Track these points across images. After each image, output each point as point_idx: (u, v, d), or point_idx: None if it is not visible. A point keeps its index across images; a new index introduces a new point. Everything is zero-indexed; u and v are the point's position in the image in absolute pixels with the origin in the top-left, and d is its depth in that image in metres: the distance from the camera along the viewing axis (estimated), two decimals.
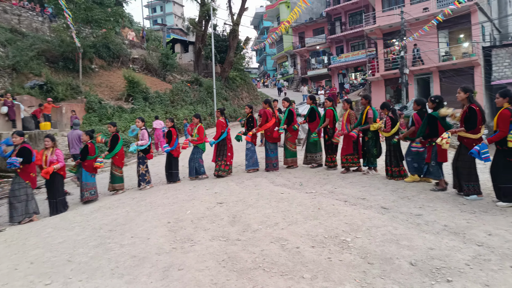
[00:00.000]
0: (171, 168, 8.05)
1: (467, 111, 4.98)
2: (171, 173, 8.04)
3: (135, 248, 4.04)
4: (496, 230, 3.72)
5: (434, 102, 5.65)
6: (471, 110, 4.94)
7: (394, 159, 6.49)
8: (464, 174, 5.04)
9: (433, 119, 5.52)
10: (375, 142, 6.96)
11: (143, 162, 7.73)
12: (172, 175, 8.02)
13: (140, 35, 28.26)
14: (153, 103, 17.70)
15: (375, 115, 6.93)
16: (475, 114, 4.89)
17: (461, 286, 2.71)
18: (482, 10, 21.33)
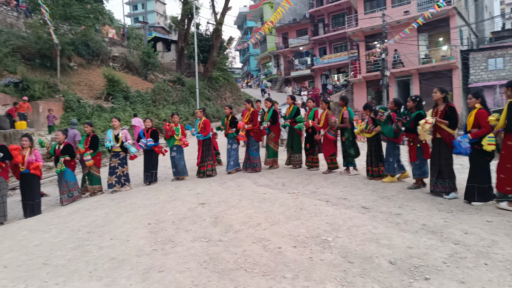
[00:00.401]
0: (155, 168, 7.94)
1: (447, 110, 5.13)
2: (152, 173, 7.91)
3: (115, 250, 3.96)
4: (472, 229, 3.83)
5: (414, 101, 5.80)
6: (451, 108, 5.11)
7: (375, 159, 6.60)
8: (446, 172, 5.18)
9: (420, 117, 5.55)
10: (352, 142, 7.09)
11: (126, 163, 7.58)
12: (152, 175, 7.89)
13: (120, 32, 27.72)
14: (134, 102, 17.41)
15: (351, 116, 7.09)
16: (455, 112, 5.08)
17: (438, 283, 2.78)
18: (460, 14, 22.00)
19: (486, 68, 22.18)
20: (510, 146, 4.38)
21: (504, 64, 21.76)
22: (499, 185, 4.52)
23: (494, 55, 22.08)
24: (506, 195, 4.47)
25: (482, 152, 4.67)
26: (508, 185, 4.42)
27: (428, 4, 21.41)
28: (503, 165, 4.46)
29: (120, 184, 7.49)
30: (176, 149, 7.95)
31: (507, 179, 4.42)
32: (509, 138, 4.39)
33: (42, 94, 14.83)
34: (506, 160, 4.43)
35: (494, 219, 4.09)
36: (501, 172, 4.48)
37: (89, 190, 7.38)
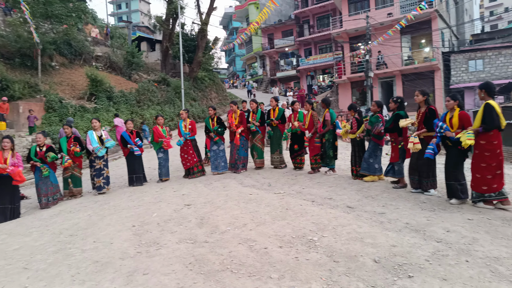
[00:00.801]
0: (142, 171, 7.85)
1: (427, 112, 5.27)
2: (140, 176, 7.80)
3: (98, 253, 3.88)
4: (453, 227, 3.91)
5: (396, 102, 5.95)
6: (431, 111, 5.24)
7: (359, 159, 6.69)
8: (424, 171, 5.31)
9: (400, 117, 5.73)
10: (332, 144, 7.17)
11: (107, 165, 7.46)
12: (140, 178, 7.79)
13: (104, 32, 27.26)
14: (117, 102, 17.13)
15: (333, 117, 7.18)
16: (434, 114, 5.21)
17: (421, 281, 2.82)
18: (442, 17, 22.52)
19: (466, 69, 22.77)
20: (483, 145, 4.50)
21: (483, 66, 22.38)
22: (475, 185, 4.62)
23: (474, 57, 22.68)
24: (482, 194, 4.57)
25: (461, 151, 4.78)
26: (483, 185, 4.53)
27: (410, 6, 21.83)
28: (478, 164, 4.58)
29: (109, 185, 7.42)
30: (163, 150, 7.90)
31: (483, 178, 4.53)
32: (482, 138, 4.51)
33: (23, 94, 14.44)
34: (481, 159, 4.55)
35: (475, 217, 4.19)
36: (476, 172, 4.60)
37: (74, 192, 7.18)
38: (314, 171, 7.47)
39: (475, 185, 4.64)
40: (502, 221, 4.05)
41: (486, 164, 4.50)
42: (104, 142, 7.29)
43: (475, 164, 4.63)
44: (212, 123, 8.01)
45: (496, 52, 22.08)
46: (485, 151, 4.49)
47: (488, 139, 4.47)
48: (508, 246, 3.35)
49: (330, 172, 7.30)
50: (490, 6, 53.61)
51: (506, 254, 3.18)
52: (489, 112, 4.43)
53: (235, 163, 8.02)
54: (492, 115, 4.40)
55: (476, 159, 4.61)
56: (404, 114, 5.80)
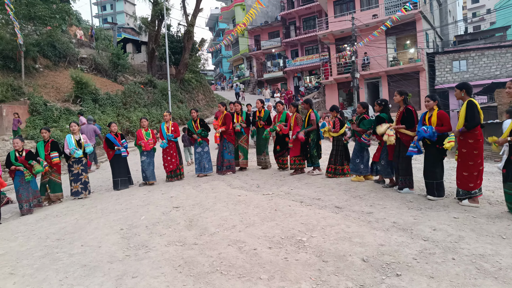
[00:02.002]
0: (127, 173, 7.75)
1: (404, 112, 5.45)
2: (125, 179, 7.68)
3: (86, 257, 3.83)
4: (440, 225, 3.98)
5: (380, 105, 6.10)
6: (408, 110, 5.41)
7: (340, 158, 6.83)
8: (401, 169, 5.49)
9: (381, 119, 5.92)
10: (316, 143, 7.26)
11: (86, 170, 7.26)
12: (125, 181, 7.69)
13: (88, 33, 26.88)
14: (103, 105, 16.89)
15: (317, 118, 7.29)
16: (411, 114, 5.39)
17: (409, 279, 2.87)
18: (426, 18, 22.95)
19: (450, 70, 23.25)
20: (471, 144, 4.58)
21: (467, 67, 22.89)
22: (462, 182, 4.72)
23: (458, 57, 23.17)
24: (469, 191, 4.68)
25: (440, 150, 4.95)
26: (470, 182, 4.63)
27: (395, 8, 22.19)
28: (466, 163, 4.66)
29: (87, 190, 7.21)
30: (146, 153, 7.75)
31: (470, 176, 4.63)
32: (470, 137, 4.59)
33: (6, 97, 14.12)
34: (469, 158, 4.63)
35: (461, 216, 4.28)
36: (463, 170, 4.68)
37: (52, 198, 6.96)
38: (296, 172, 7.53)
39: (461, 183, 4.73)
40: (487, 218, 4.15)
41: (473, 162, 4.60)
42: (82, 146, 7.12)
43: (462, 163, 4.71)
44: (195, 126, 7.98)
45: (479, 53, 22.61)
46: (473, 149, 4.59)
47: (475, 137, 4.57)
48: (492, 243, 3.43)
49: (316, 170, 7.39)
50: (473, 7, 54.90)
51: (490, 251, 3.25)
52: (472, 109, 4.53)
53: (222, 165, 8.02)
54: (474, 113, 4.51)
55: (463, 157, 4.69)
56: (386, 116, 5.96)
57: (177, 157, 7.90)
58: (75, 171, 7.11)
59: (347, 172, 6.81)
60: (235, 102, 8.53)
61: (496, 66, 22.14)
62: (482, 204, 4.74)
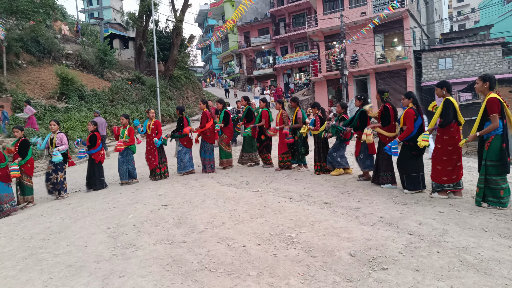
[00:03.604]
0: (94, 175, 7.39)
1: (382, 110, 5.65)
2: (94, 181, 7.38)
3: (71, 257, 3.77)
4: (425, 220, 4.05)
5: (360, 100, 6.27)
6: (386, 108, 5.60)
7: (323, 155, 6.92)
8: (382, 165, 5.65)
9: (364, 114, 6.11)
10: (303, 141, 7.33)
11: (61, 169, 6.97)
12: (95, 183, 7.38)
13: (74, 29, 26.38)
14: (89, 102, 16.61)
15: (304, 116, 7.37)
16: (389, 111, 5.57)
17: (395, 273, 2.91)
18: (413, 16, 23.21)
19: (437, 67, 23.61)
20: (445, 140, 4.79)
21: (453, 64, 23.28)
22: (436, 176, 4.92)
23: (444, 55, 23.54)
24: (442, 185, 4.89)
25: (411, 147, 5.14)
26: (444, 176, 4.84)
27: (383, 6, 22.38)
28: (440, 157, 4.87)
29: (57, 191, 6.92)
30: (121, 152, 7.57)
31: (443, 170, 4.84)
32: (446, 133, 4.78)
33: None
34: (442, 153, 4.84)
35: (445, 210, 4.36)
36: (438, 164, 4.89)
37: (21, 201, 6.58)
38: (282, 169, 7.58)
39: (435, 176, 4.93)
40: (470, 212, 4.24)
41: (447, 157, 4.81)
42: (53, 144, 6.86)
43: (436, 157, 4.92)
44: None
45: (464, 51, 23.00)
46: (448, 145, 4.79)
47: (451, 134, 4.76)
48: (475, 236, 3.51)
49: (303, 167, 7.49)
50: (458, 6, 55.72)
51: (473, 244, 3.33)
52: (447, 108, 4.71)
53: (203, 164, 7.98)
54: (448, 111, 4.69)
55: (438, 152, 4.90)
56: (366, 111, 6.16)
57: (157, 156, 7.70)
58: (47, 170, 6.94)
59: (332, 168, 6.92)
60: (217, 100, 8.48)
61: (480, 63, 22.57)
62: (466, 198, 4.86)
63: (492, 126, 4.20)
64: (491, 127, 4.21)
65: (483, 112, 4.31)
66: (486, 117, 4.30)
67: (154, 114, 7.94)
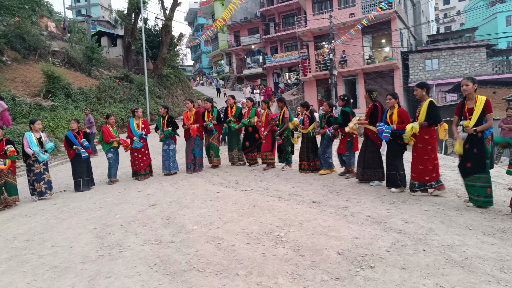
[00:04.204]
0: (89, 174, 7.31)
1: (372, 108, 5.74)
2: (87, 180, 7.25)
3: (57, 258, 3.70)
4: (411, 218, 4.11)
5: (343, 100, 6.46)
6: (375, 107, 5.71)
7: (311, 154, 6.98)
8: (371, 162, 5.74)
9: (346, 113, 6.29)
10: (290, 140, 7.39)
11: (48, 169, 6.88)
12: (87, 182, 7.25)
13: (61, 26, 25.90)
14: (76, 100, 16.34)
15: (291, 115, 7.41)
16: (377, 110, 5.68)
17: (382, 271, 2.94)
18: (400, 18, 23.50)
19: (423, 68, 23.97)
20: (427, 140, 4.93)
21: (439, 65, 23.67)
22: (418, 175, 5.03)
23: (431, 56, 23.91)
24: (425, 184, 5.01)
25: (401, 145, 5.26)
26: (426, 175, 4.96)
27: (371, 7, 22.59)
28: (421, 157, 4.99)
29: (51, 190, 6.83)
30: (113, 151, 7.52)
31: (425, 169, 4.95)
32: (426, 133, 4.92)
33: None
34: (424, 152, 4.96)
35: (431, 208, 4.43)
36: (419, 164, 5.01)
37: (9, 202, 6.37)
38: (269, 166, 7.63)
39: (417, 176, 5.04)
40: (455, 211, 4.31)
41: (428, 156, 4.93)
42: (43, 144, 6.72)
43: (418, 157, 5.03)
44: (162, 122, 7.82)
45: (450, 52, 23.41)
46: (428, 144, 4.93)
47: (430, 133, 4.93)
48: (460, 234, 3.57)
49: (287, 166, 7.56)
50: (444, 8, 56.63)
51: (458, 242, 3.38)
52: (435, 109, 4.87)
53: (192, 163, 7.91)
54: (437, 112, 4.89)
55: (418, 152, 5.01)
56: (350, 110, 6.33)
57: (149, 155, 7.75)
58: (37, 170, 6.69)
59: (320, 167, 6.99)
60: (205, 99, 8.47)
61: (465, 65, 22.99)
62: (451, 197, 4.94)
63: (488, 124, 4.33)
64: (488, 125, 4.34)
65: (481, 111, 4.36)
66: (482, 116, 4.37)
67: (141, 112, 7.85)
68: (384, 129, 5.28)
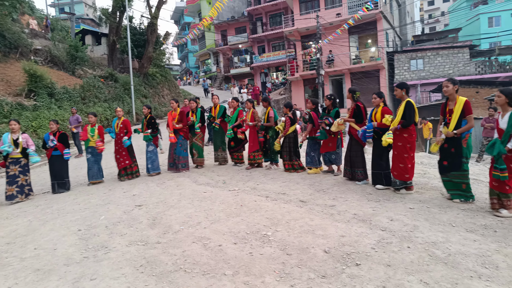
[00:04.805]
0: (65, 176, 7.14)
1: (355, 108, 5.86)
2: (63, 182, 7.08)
3: (39, 260, 3.63)
4: (396, 216, 4.17)
5: (330, 99, 6.52)
6: (358, 107, 5.83)
7: (294, 154, 7.04)
8: (356, 162, 5.85)
9: (338, 113, 6.40)
10: (275, 139, 7.35)
11: (28, 170, 6.74)
12: (63, 184, 7.09)
13: (43, 24, 25.34)
14: (60, 99, 16.01)
15: (275, 115, 7.46)
16: (360, 110, 5.79)
17: (368, 268, 2.98)
18: (386, 18, 23.81)
19: (408, 68, 24.36)
20: (406, 138, 5.05)
21: (424, 65, 24.09)
22: (399, 174, 5.13)
23: (416, 56, 24.31)
24: (405, 182, 5.11)
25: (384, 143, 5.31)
26: (406, 173, 5.07)
27: (358, 7, 22.83)
28: (401, 155, 5.10)
29: (24, 194, 6.61)
30: (91, 151, 7.36)
31: (405, 168, 5.06)
32: (405, 132, 5.04)
33: None
34: (403, 151, 5.07)
35: (416, 206, 4.50)
36: (400, 162, 5.11)
37: None
38: (252, 167, 7.66)
39: (398, 174, 5.14)
40: (439, 208, 4.39)
41: (408, 155, 5.06)
42: (19, 145, 6.54)
43: (398, 156, 5.13)
44: (145, 122, 7.74)
45: (435, 53, 23.85)
46: (407, 143, 5.05)
47: (410, 132, 5.05)
48: (443, 231, 3.64)
49: (274, 166, 7.60)
50: (429, 9, 57.68)
51: (442, 239, 3.45)
52: (409, 110, 4.99)
53: (174, 162, 7.85)
54: (411, 113, 4.99)
55: (399, 150, 5.12)
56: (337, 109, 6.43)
57: (128, 156, 7.51)
58: (11, 172, 6.54)
59: (303, 166, 7.08)
60: (191, 99, 8.41)
61: (449, 65, 23.47)
62: (435, 195, 5.04)
63: (469, 125, 4.47)
64: (469, 126, 4.47)
65: (460, 112, 4.49)
66: (462, 117, 4.50)
67: (122, 112, 7.69)
68: (367, 129, 5.40)
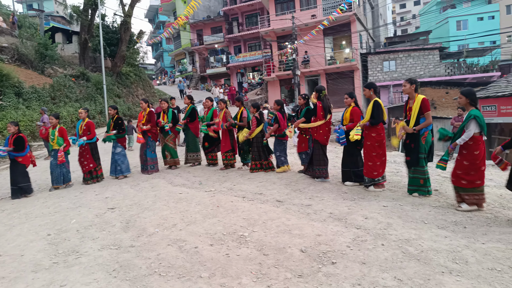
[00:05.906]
0: (19, 182, 6.64)
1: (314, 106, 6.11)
2: (20, 188, 6.65)
3: (4, 268, 3.44)
4: (371, 214, 4.25)
5: (304, 98, 6.64)
6: (315, 105, 6.06)
7: (263, 154, 7.09)
8: (316, 159, 6.01)
9: (309, 111, 6.46)
10: (248, 140, 7.36)
11: None
12: (21, 189, 6.66)
13: (10, 20, 24.22)
14: (28, 99, 15.35)
15: (248, 115, 7.47)
16: (315, 109, 6.01)
17: (343, 266, 3.01)
18: (360, 20, 24.34)
19: (381, 69, 25.01)
20: (374, 137, 5.24)
21: (396, 66, 24.80)
22: (368, 171, 5.32)
23: (388, 58, 25.00)
24: (373, 179, 5.30)
25: (355, 142, 5.49)
26: (374, 171, 5.25)
27: (332, 9, 23.21)
28: (370, 154, 5.28)
29: None
30: (53, 154, 7.02)
31: (374, 166, 5.25)
32: (373, 131, 5.23)
33: None
34: (372, 149, 5.26)
35: (389, 204, 4.61)
36: (369, 160, 5.30)
37: None
38: (226, 167, 7.66)
39: (367, 171, 5.32)
40: (412, 206, 4.51)
41: (376, 153, 5.24)
42: None
43: (367, 154, 5.32)
44: (111, 124, 7.51)
45: (406, 54, 24.62)
46: (375, 142, 5.23)
47: (378, 131, 5.23)
48: (416, 228, 3.74)
49: (245, 166, 7.62)
50: (401, 12, 59.39)
51: (414, 236, 3.54)
52: (377, 109, 5.17)
53: (144, 164, 7.72)
54: (379, 112, 5.18)
55: (368, 149, 5.31)
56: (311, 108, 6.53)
57: (92, 159, 7.19)
58: None
59: (273, 166, 7.16)
60: (162, 100, 8.27)
61: (420, 66, 24.28)
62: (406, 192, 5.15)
63: (427, 122, 4.71)
64: (427, 123, 4.70)
65: (418, 110, 4.73)
66: (420, 114, 4.74)
67: (85, 114, 7.28)
68: (339, 135, 5.54)
